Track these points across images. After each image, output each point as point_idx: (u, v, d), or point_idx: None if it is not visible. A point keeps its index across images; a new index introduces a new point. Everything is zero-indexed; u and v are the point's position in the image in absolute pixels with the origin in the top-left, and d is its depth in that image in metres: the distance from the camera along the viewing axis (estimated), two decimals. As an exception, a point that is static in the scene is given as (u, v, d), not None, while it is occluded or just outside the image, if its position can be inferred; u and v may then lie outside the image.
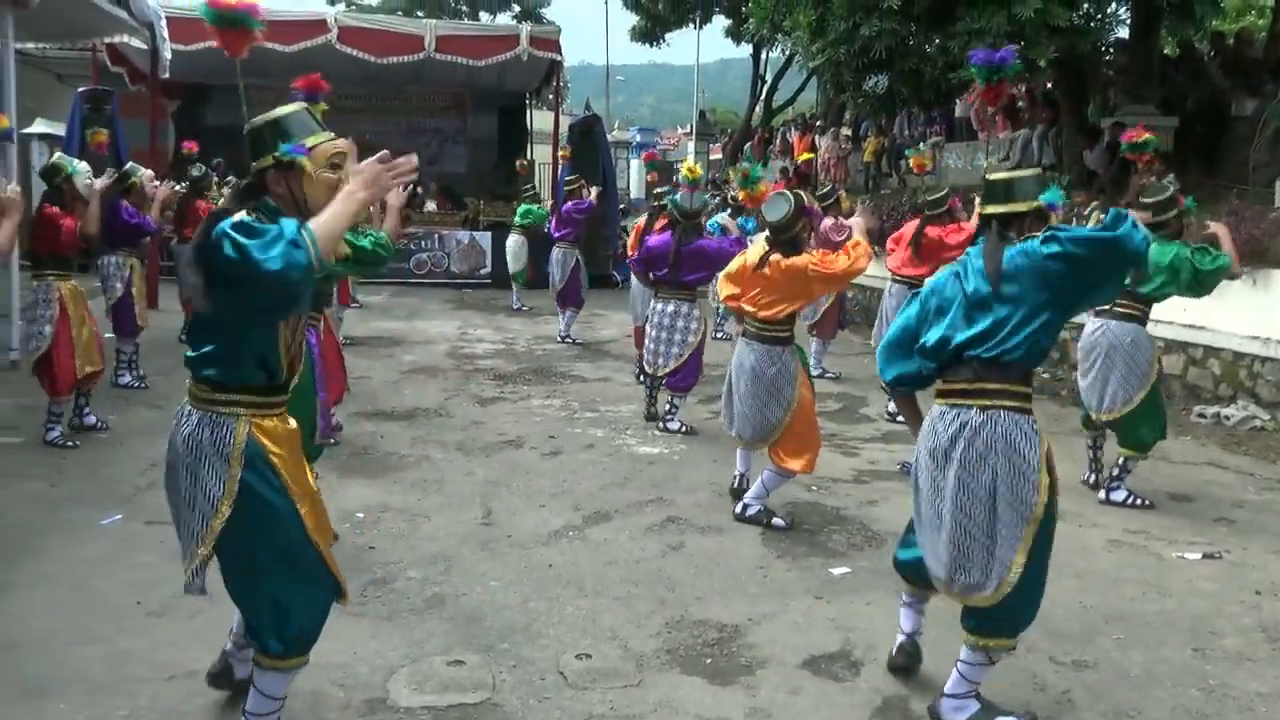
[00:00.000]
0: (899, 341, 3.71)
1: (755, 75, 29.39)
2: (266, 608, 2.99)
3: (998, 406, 3.40)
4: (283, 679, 3.11)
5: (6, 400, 7.71)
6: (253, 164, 2.99)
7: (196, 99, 19.23)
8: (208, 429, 2.92)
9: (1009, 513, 3.36)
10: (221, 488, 2.90)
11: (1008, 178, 3.63)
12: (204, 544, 2.93)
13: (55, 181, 6.77)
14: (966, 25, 10.89)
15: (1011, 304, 3.40)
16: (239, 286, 2.73)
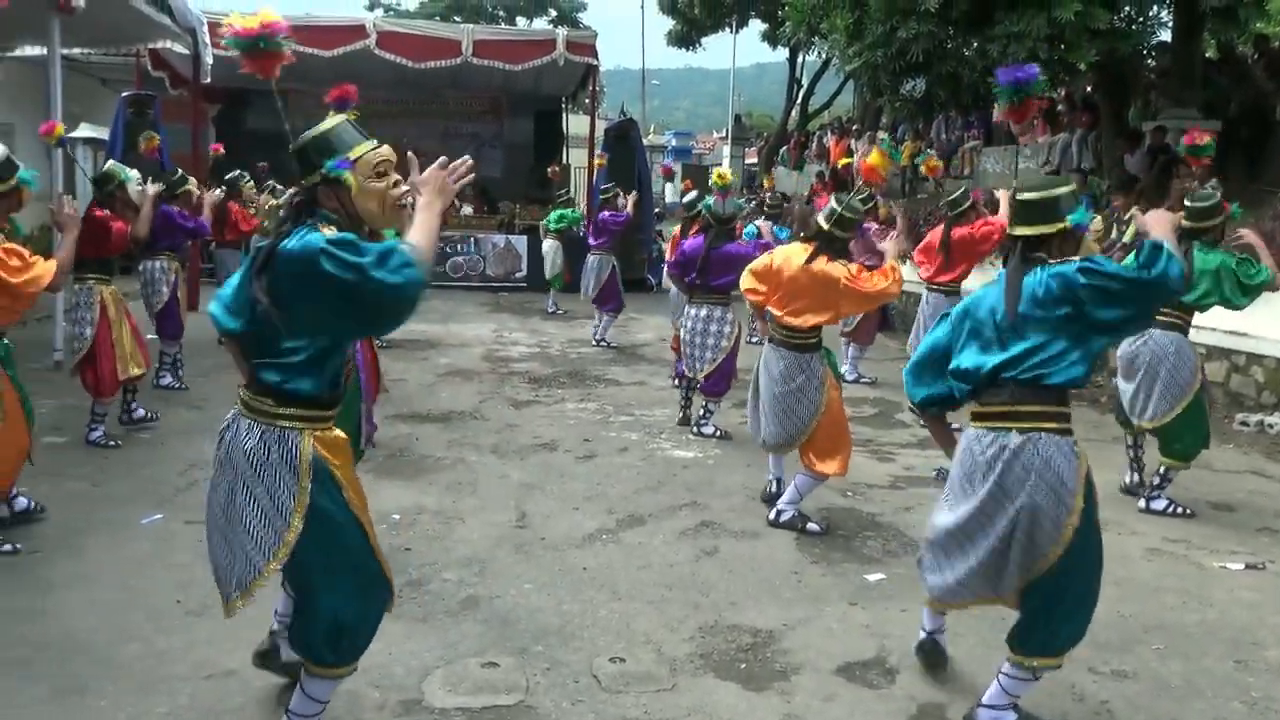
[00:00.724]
0: (927, 361, 3.69)
1: (791, 79, 29.32)
2: (325, 620, 2.99)
3: (1038, 429, 3.36)
4: (331, 685, 3.15)
5: (51, 400, 7.82)
6: (303, 180, 3.01)
7: (237, 104, 19.45)
8: (274, 443, 2.91)
9: (1033, 531, 3.35)
10: (293, 500, 2.90)
11: (1037, 198, 3.53)
12: (275, 558, 2.92)
13: (109, 189, 6.89)
14: (1005, 28, 10.80)
15: (1045, 329, 3.36)
16: (347, 303, 2.76)
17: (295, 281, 2.79)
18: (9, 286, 4.71)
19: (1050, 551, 3.33)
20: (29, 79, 15.63)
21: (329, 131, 3.02)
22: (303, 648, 3.07)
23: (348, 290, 2.73)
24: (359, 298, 2.74)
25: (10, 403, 4.84)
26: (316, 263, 2.73)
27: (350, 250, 2.73)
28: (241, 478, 2.92)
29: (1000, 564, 3.42)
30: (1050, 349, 3.35)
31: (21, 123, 16.50)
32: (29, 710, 3.46)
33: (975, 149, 17.60)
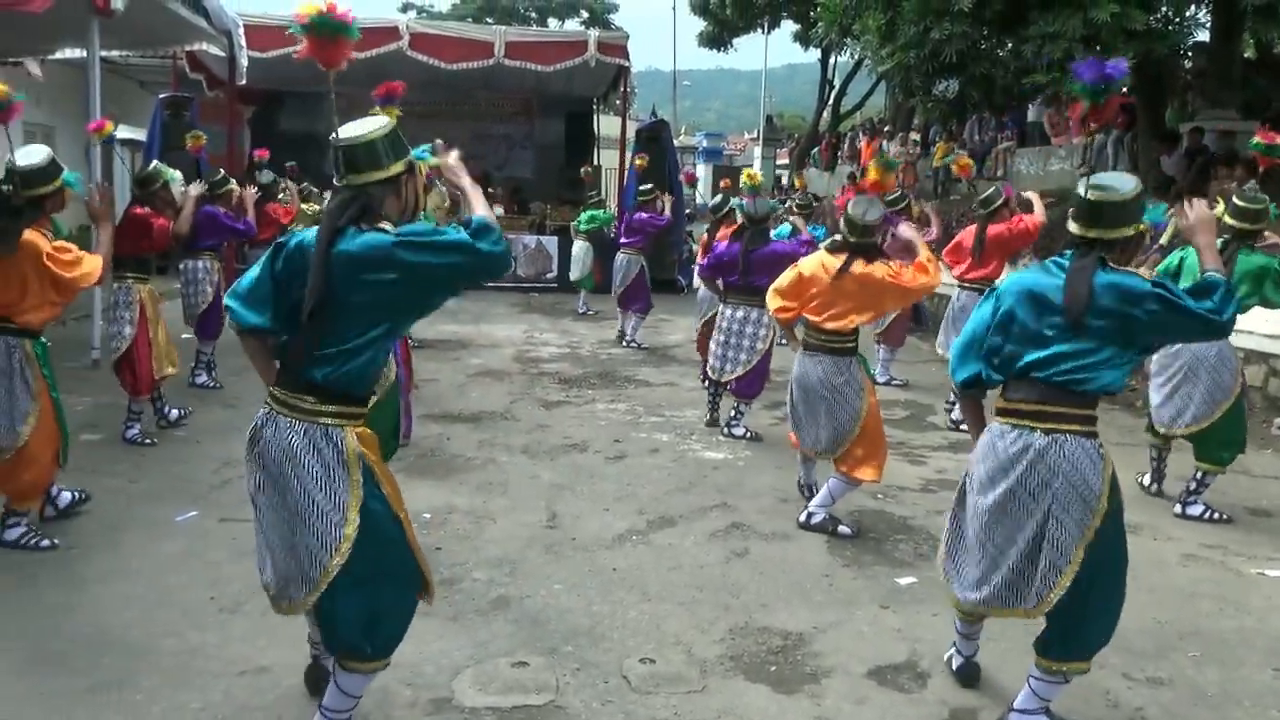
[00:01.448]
0: (972, 342, 3.58)
1: (823, 80, 29.24)
2: (363, 614, 3.02)
3: (1064, 431, 3.32)
4: (366, 679, 3.17)
5: (88, 398, 7.93)
6: (360, 175, 2.98)
7: (271, 105, 19.66)
8: (321, 440, 2.94)
9: (1061, 534, 3.30)
10: (349, 495, 2.94)
11: (1113, 200, 3.36)
12: (339, 553, 2.94)
13: (153, 188, 6.98)
14: (1040, 29, 10.72)
15: (1089, 335, 3.29)
16: (439, 283, 2.98)
17: (362, 280, 2.87)
18: (62, 281, 4.78)
19: (1076, 556, 3.29)
20: (69, 81, 15.84)
21: (395, 127, 3.08)
22: (340, 642, 3.09)
23: (443, 270, 2.91)
24: (457, 274, 2.95)
25: (45, 404, 4.90)
26: (391, 256, 2.85)
27: (435, 235, 2.91)
28: (293, 478, 2.94)
29: (1027, 572, 3.37)
30: (1091, 357, 3.29)
31: (62, 124, 16.74)
32: (67, 703, 3.50)
33: (1008, 150, 17.49)
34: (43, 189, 4.85)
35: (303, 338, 2.96)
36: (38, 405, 4.86)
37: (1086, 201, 3.41)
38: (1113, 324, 3.27)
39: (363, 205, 2.96)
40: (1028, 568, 3.37)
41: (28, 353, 4.85)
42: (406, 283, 2.90)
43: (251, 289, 3.08)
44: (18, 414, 4.82)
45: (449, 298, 3.19)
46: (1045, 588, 3.33)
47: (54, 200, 4.93)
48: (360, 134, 3.01)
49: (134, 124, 18.15)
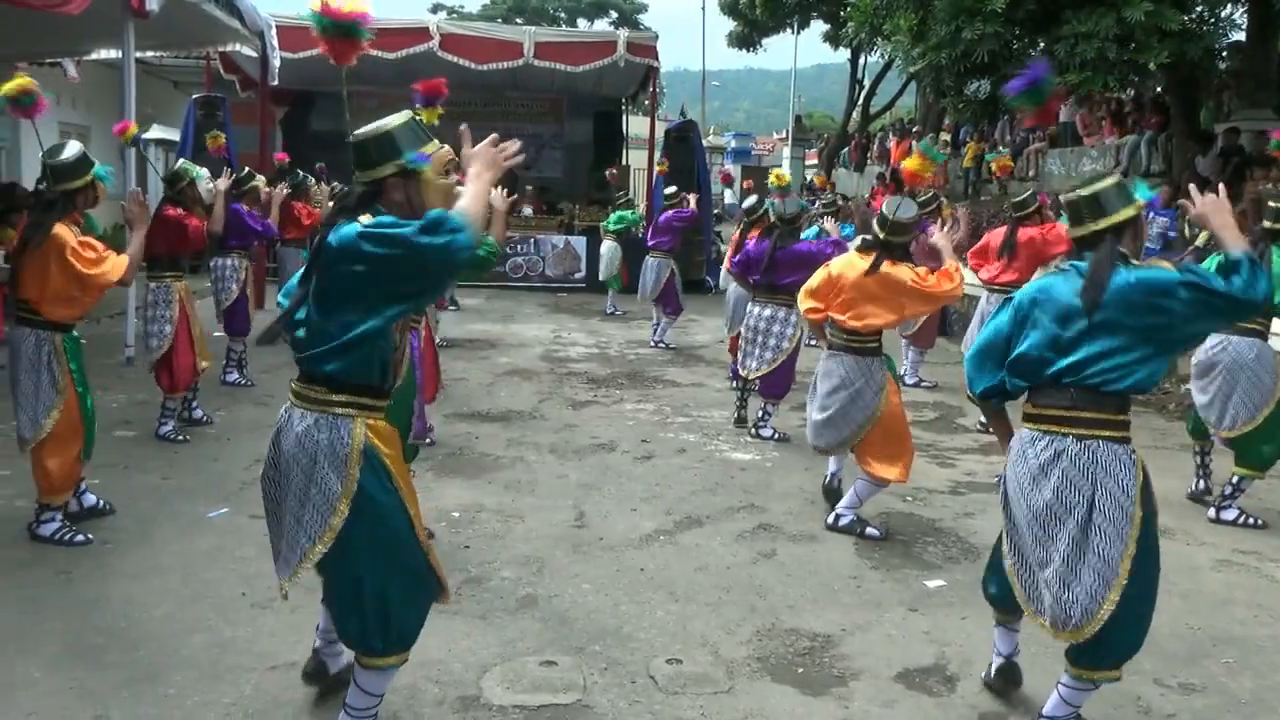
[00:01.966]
0: (989, 350, 3.55)
1: (853, 80, 29.16)
2: (372, 607, 3.03)
3: (1095, 436, 3.28)
4: (383, 676, 3.18)
5: (121, 395, 8.02)
6: (365, 172, 3.04)
7: (302, 105, 19.80)
8: (325, 429, 2.98)
9: (1104, 545, 3.24)
10: (341, 486, 2.96)
11: (1104, 187, 3.40)
12: (321, 541, 2.98)
13: (180, 186, 7.05)
14: (1073, 29, 10.64)
15: (1124, 334, 3.24)
16: (395, 276, 2.85)
17: (339, 270, 2.88)
18: (84, 278, 4.83)
19: (1122, 569, 3.23)
20: (104, 81, 16.04)
21: (402, 126, 3.07)
22: (352, 637, 3.12)
23: (395, 263, 2.81)
24: (406, 267, 2.83)
25: (70, 399, 4.96)
26: (357, 248, 2.82)
27: (389, 226, 2.83)
28: (296, 464, 3.00)
29: (1073, 582, 3.31)
30: (1122, 356, 3.24)
31: (97, 124, 16.95)
32: (102, 696, 3.54)
33: (1040, 151, 17.35)
34: (74, 183, 4.90)
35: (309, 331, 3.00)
36: (62, 399, 4.92)
37: (1066, 205, 3.46)
38: (1145, 321, 3.23)
39: (354, 200, 3.01)
40: (1072, 581, 3.29)
41: (56, 346, 4.91)
42: (370, 275, 2.85)
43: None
44: (42, 407, 4.89)
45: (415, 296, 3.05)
46: (1094, 604, 3.23)
47: (85, 195, 4.97)
48: (363, 132, 3.04)
49: (168, 124, 18.36)
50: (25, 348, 4.89)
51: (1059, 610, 3.31)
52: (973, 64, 11.81)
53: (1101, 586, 3.24)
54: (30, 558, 4.79)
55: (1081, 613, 3.26)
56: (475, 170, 3.01)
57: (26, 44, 11.88)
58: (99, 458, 5.50)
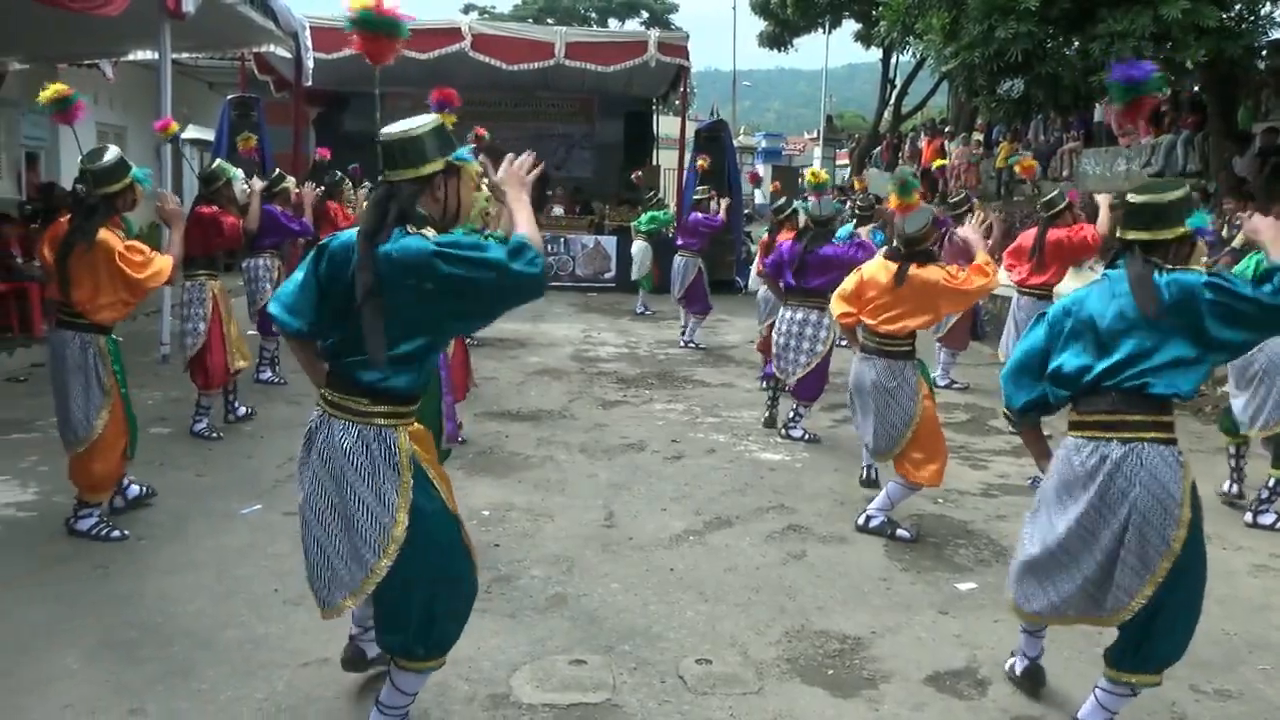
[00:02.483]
0: (1025, 366, 3.54)
1: (884, 79, 28.99)
2: (417, 615, 3.03)
3: (1140, 439, 3.25)
4: (421, 678, 3.19)
5: (157, 393, 8.11)
6: (410, 169, 2.95)
7: (336, 106, 19.94)
8: (373, 440, 2.94)
9: (1141, 545, 3.23)
10: (398, 497, 2.94)
11: (1154, 202, 3.38)
12: (386, 555, 2.94)
13: (215, 186, 7.13)
14: (1108, 27, 10.52)
15: (1155, 336, 3.23)
16: (475, 299, 2.86)
17: (400, 283, 2.81)
18: (133, 281, 4.89)
19: (1160, 567, 3.22)
20: (140, 82, 16.22)
21: (442, 126, 3.04)
22: (394, 643, 3.10)
23: (476, 285, 2.81)
24: (490, 290, 2.84)
25: (116, 399, 5.02)
26: (431, 267, 2.78)
27: (473, 250, 2.80)
28: (344, 479, 2.95)
29: (1104, 582, 3.30)
30: (1156, 358, 3.23)
31: (134, 124, 17.16)
32: (137, 690, 3.59)
33: (1074, 150, 17.18)
34: (113, 186, 4.95)
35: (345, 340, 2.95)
36: (110, 400, 4.99)
37: (1130, 204, 3.43)
38: (1178, 320, 3.22)
39: (399, 203, 2.91)
40: (1104, 579, 3.30)
41: (101, 349, 4.98)
42: (442, 294, 2.82)
43: (295, 294, 3.07)
44: (92, 408, 4.96)
45: (484, 317, 3.12)
46: (1125, 595, 3.26)
47: (124, 198, 5.03)
48: (399, 130, 2.98)
49: (203, 124, 18.53)
50: (70, 351, 4.94)
51: (1089, 600, 3.33)
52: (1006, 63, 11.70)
53: (1136, 582, 3.24)
54: (68, 552, 4.86)
55: (1113, 602, 3.28)
56: (514, 194, 3.04)
57: (66, 46, 12.04)
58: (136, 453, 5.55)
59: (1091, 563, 3.31)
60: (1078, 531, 3.33)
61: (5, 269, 9.76)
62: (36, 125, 15.03)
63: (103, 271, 4.85)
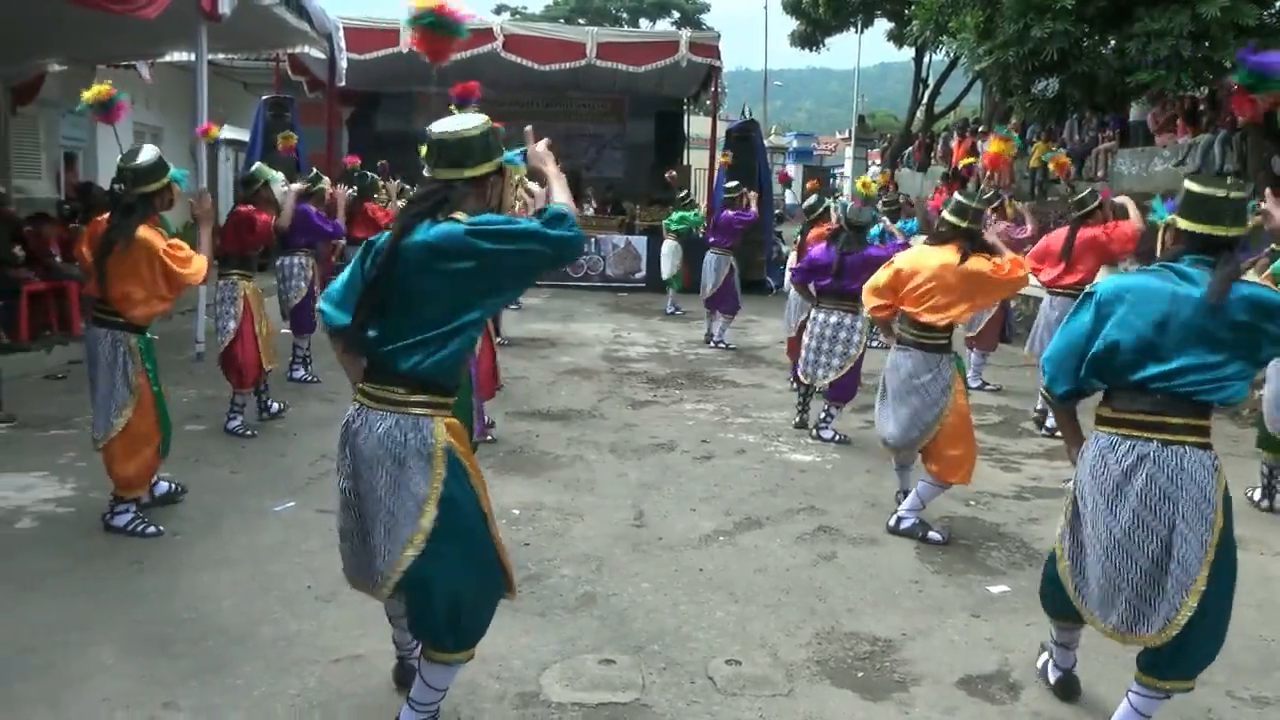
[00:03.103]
0: (1071, 349, 3.42)
1: (917, 79, 28.81)
2: (445, 604, 3.04)
3: (1181, 442, 3.20)
4: (449, 671, 3.20)
5: (192, 390, 8.20)
6: (463, 169, 3.01)
7: (369, 106, 20.08)
8: (409, 430, 2.97)
9: (1186, 552, 3.18)
10: (428, 488, 2.97)
11: (1214, 195, 3.24)
12: (413, 545, 2.98)
13: (255, 188, 7.21)
14: (1145, 25, 10.43)
15: (1219, 348, 3.15)
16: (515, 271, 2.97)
17: (437, 268, 2.89)
18: (175, 277, 4.95)
19: (1199, 575, 3.17)
20: (176, 83, 16.41)
21: (492, 128, 3.10)
22: (423, 633, 3.14)
23: (517, 257, 2.91)
24: (529, 260, 2.94)
25: (144, 398, 5.07)
26: (469, 245, 2.87)
27: (505, 224, 2.92)
28: (379, 467, 2.99)
29: (1152, 593, 3.24)
30: (1220, 370, 3.15)
31: (170, 125, 17.36)
32: (172, 685, 3.62)
33: (1110, 150, 17.01)
34: (151, 186, 5.01)
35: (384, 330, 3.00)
36: (135, 399, 5.04)
37: (1189, 192, 3.31)
38: (1243, 337, 3.15)
39: (442, 198, 2.99)
40: (1151, 590, 3.24)
41: (131, 347, 5.04)
42: (483, 270, 2.90)
43: (342, 291, 3.13)
44: (114, 406, 5.02)
45: (525, 286, 3.23)
46: (1172, 610, 3.19)
47: (162, 197, 5.08)
48: (455, 129, 3.03)
49: (237, 125, 18.71)
50: (102, 348, 5.01)
51: (1138, 616, 3.26)
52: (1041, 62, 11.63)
53: (1181, 592, 3.19)
54: (104, 548, 4.92)
55: (1163, 620, 3.21)
56: (553, 169, 3.17)
57: (104, 47, 12.21)
58: (171, 450, 5.61)
59: (1137, 574, 3.24)
60: (1123, 542, 3.26)
61: (44, 268, 9.89)
62: (75, 125, 15.25)
63: (144, 269, 4.91)
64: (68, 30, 10.36)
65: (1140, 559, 3.23)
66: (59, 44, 11.95)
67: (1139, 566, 3.24)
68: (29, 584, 4.45)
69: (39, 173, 14.85)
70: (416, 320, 2.96)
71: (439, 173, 3.02)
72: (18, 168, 13.97)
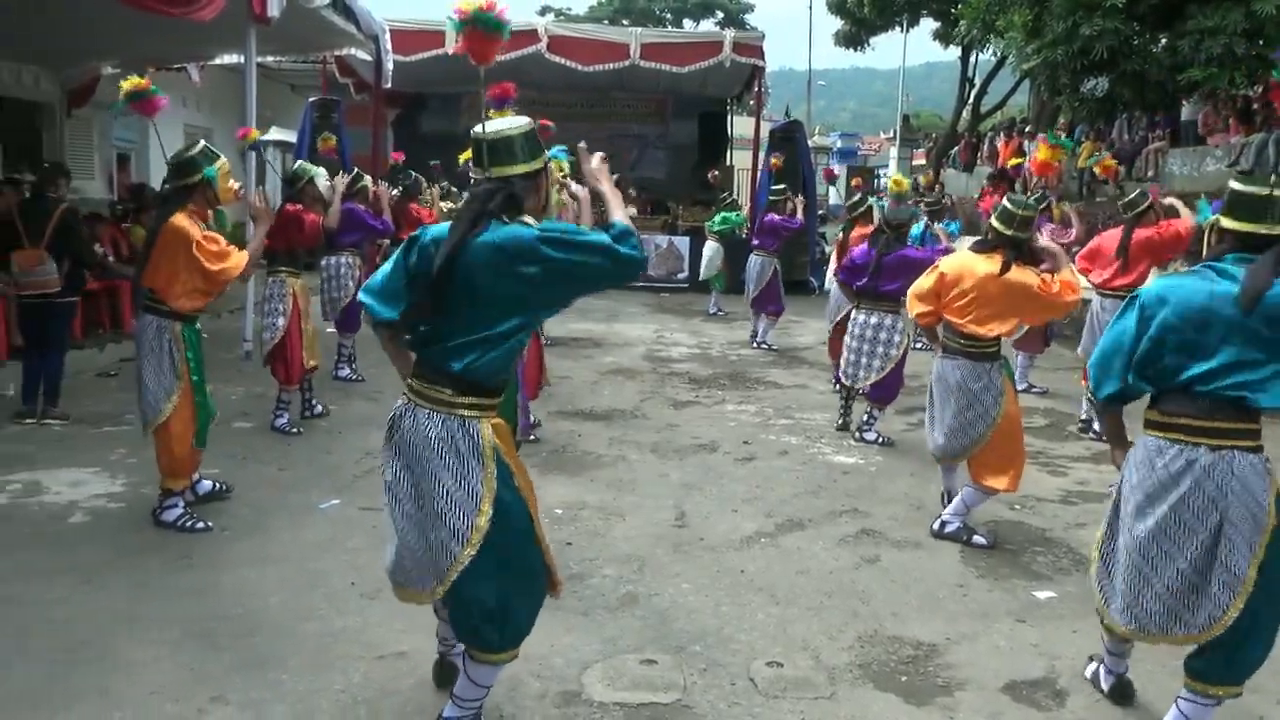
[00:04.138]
0: (1115, 352, 3.39)
1: (963, 78, 28.54)
2: (492, 604, 3.06)
3: (1231, 446, 3.15)
4: (495, 670, 3.22)
5: (240, 388, 8.31)
6: (513, 166, 3.06)
7: (414, 107, 20.23)
8: (458, 430, 3.00)
9: (1232, 556, 3.14)
10: (482, 487, 3.00)
11: (1256, 194, 3.20)
12: (470, 544, 3.00)
13: (300, 185, 7.30)
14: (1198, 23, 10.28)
15: (1261, 347, 3.10)
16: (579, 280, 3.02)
17: (503, 270, 2.93)
18: (205, 272, 5.03)
19: (1248, 577, 3.13)
20: (225, 85, 16.66)
21: (534, 128, 3.16)
22: (468, 633, 3.15)
23: (584, 269, 2.96)
24: (594, 273, 2.98)
25: (185, 386, 5.15)
26: (535, 250, 2.91)
27: (576, 234, 3.00)
28: (429, 468, 3.01)
29: (1189, 595, 3.20)
30: (1262, 370, 3.10)
31: (219, 126, 17.60)
32: (219, 679, 3.68)
33: (1160, 150, 16.76)
34: (185, 180, 5.13)
35: (434, 328, 3.04)
36: (181, 385, 5.13)
37: (1232, 191, 3.28)
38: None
39: (509, 195, 3.03)
40: (1189, 593, 3.20)
41: (176, 334, 5.13)
42: (547, 277, 2.94)
43: (385, 284, 3.15)
44: (162, 391, 5.11)
45: (582, 295, 3.25)
46: (1218, 610, 3.17)
47: (200, 192, 5.15)
48: (505, 129, 3.10)
49: (285, 126, 18.95)
50: (148, 335, 5.12)
51: (1172, 616, 3.23)
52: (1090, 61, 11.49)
53: (1228, 596, 3.15)
54: (154, 542, 5.01)
55: (1206, 619, 3.18)
56: (607, 186, 3.23)
57: (156, 50, 12.41)
58: (218, 447, 5.70)
59: (1175, 574, 3.22)
60: (1159, 540, 3.23)
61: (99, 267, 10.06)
62: (127, 127, 15.53)
63: (180, 259, 5.00)
64: (121, 33, 10.55)
65: (1178, 559, 3.20)
66: (113, 47, 12.18)
67: (1176, 566, 3.21)
68: (83, 577, 4.53)
69: (93, 174, 15.14)
70: (472, 320, 2.98)
71: (494, 172, 3.06)
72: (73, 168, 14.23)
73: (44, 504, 5.53)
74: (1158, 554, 3.25)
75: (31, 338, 7.45)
